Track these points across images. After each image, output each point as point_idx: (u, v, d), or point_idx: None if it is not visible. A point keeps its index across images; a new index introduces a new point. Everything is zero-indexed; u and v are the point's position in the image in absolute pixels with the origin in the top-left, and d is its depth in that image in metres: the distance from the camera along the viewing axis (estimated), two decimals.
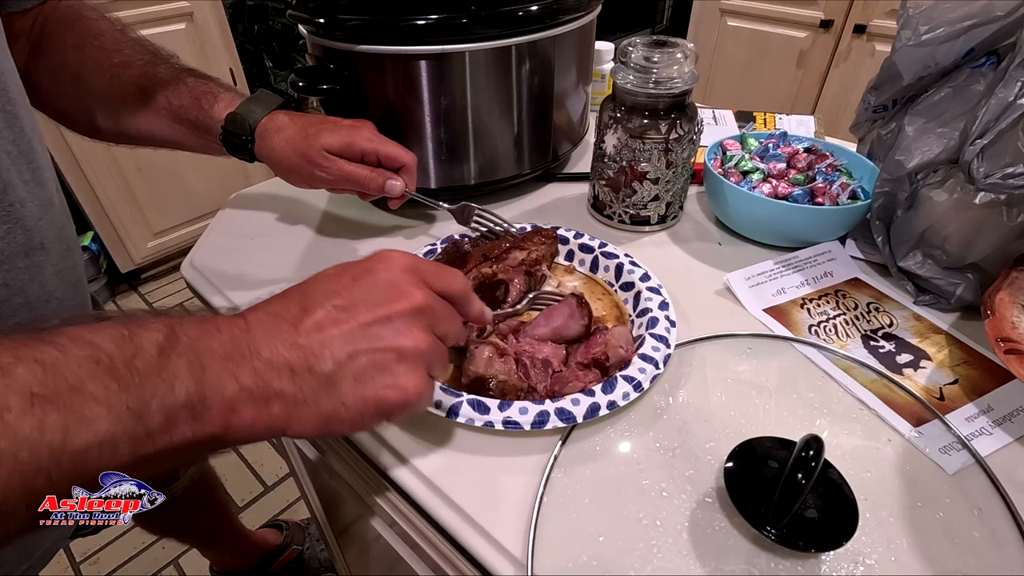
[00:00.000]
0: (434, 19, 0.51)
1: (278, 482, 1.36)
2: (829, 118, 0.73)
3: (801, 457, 0.30)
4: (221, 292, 0.53)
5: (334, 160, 0.51)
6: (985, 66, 0.47)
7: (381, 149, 0.52)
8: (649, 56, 0.51)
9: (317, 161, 0.51)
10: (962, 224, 0.45)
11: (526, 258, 0.50)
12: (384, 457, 0.39)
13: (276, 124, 0.53)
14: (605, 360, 0.41)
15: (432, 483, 0.36)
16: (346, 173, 0.52)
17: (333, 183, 0.53)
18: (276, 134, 0.52)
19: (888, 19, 1.60)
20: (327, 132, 0.51)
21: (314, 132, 0.51)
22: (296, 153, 0.52)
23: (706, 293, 0.51)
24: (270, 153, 0.53)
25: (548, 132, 0.63)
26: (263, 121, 0.53)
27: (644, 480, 0.35)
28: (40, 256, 0.42)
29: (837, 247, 0.53)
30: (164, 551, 1.21)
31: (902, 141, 0.49)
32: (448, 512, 0.35)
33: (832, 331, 0.46)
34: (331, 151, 0.51)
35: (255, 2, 1.94)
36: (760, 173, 0.57)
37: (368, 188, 0.53)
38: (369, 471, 0.42)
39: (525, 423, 0.37)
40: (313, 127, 0.52)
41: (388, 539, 0.51)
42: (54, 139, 1.52)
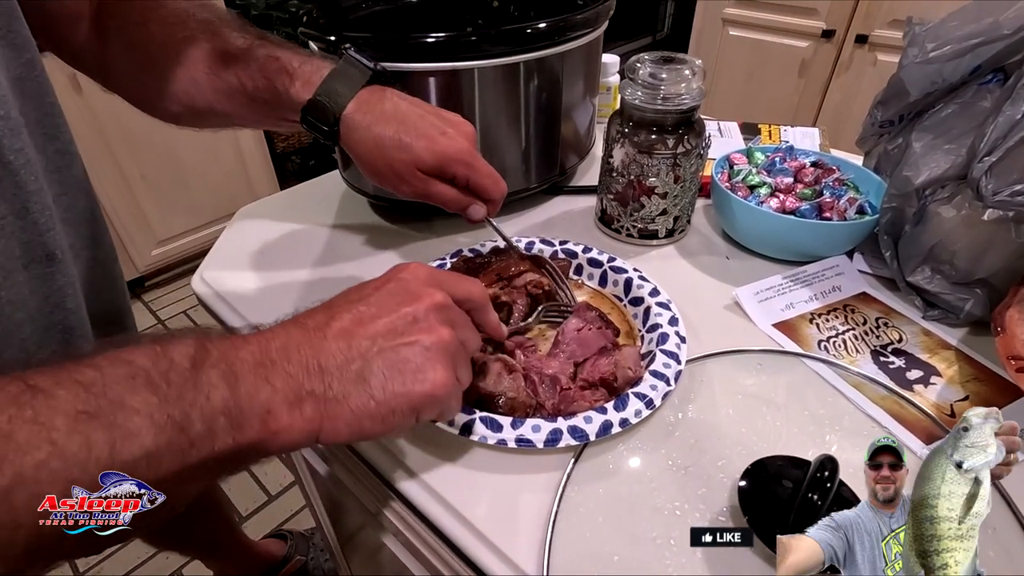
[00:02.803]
0: (444, 37, 0.51)
1: (282, 491, 1.35)
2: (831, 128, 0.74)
3: (816, 478, 0.30)
4: (232, 307, 0.53)
5: (423, 180, 0.47)
6: (992, 83, 0.47)
7: (473, 179, 0.48)
8: (656, 73, 0.51)
9: (406, 178, 0.47)
10: (970, 240, 0.46)
11: (535, 280, 0.50)
12: (395, 472, 0.39)
13: (365, 119, 0.46)
14: (613, 381, 0.41)
15: (445, 500, 0.36)
16: (433, 193, 0.48)
17: (415, 197, 0.49)
18: (364, 131, 0.46)
19: (890, 29, 1.61)
20: (423, 147, 0.46)
21: (407, 144, 0.46)
22: (384, 161, 0.47)
23: (715, 307, 0.51)
24: (356, 148, 0.48)
25: (555, 146, 0.63)
26: (349, 108, 0.46)
27: (657, 499, 0.35)
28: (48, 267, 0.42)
29: (845, 261, 0.53)
30: (168, 561, 1.21)
31: (910, 157, 0.49)
32: (461, 530, 0.35)
33: (841, 346, 0.46)
34: (424, 170, 0.46)
35: (260, 12, 1.96)
36: (767, 187, 0.57)
37: (450, 208, 0.49)
38: (378, 484, 0.42)
39: (538, 441, 0.37)
40: (407, 135, 0.46)
41: (395, 551, 0.51)
42: None
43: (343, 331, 0.30)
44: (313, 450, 0.56)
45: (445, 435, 0.39)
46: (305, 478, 0.72)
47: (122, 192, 1.72)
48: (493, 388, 0.40)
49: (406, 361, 0.30)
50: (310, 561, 1.15)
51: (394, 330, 0.31)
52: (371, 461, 0.40)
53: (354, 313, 0.31)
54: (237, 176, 1.97)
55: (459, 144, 0.47)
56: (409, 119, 0.47)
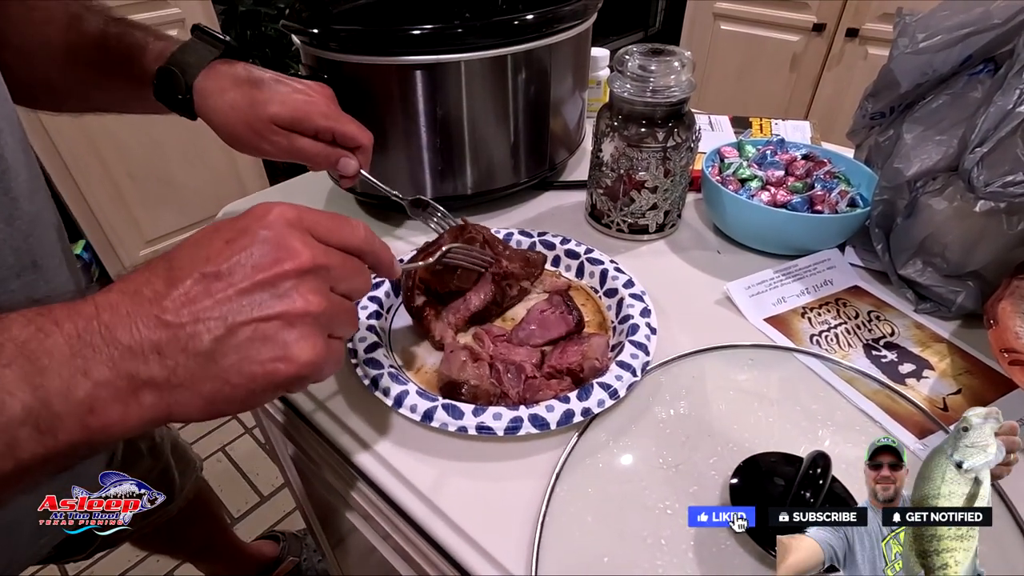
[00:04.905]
0: (429, 29, 0.50)
1: (274, 492, 1.34)
2: (823, 122, 0.74)
3: (808, 475, 0.29)
4: None
5: (284, 134, 0.47)
6: (982, 73, 0.46)
7: (337, 128, 0.48)
8: (646, 65, 0.50)
9: (265, 135, 0.47)
10: (962, 232, 0.45)
11: (505, 268, 0.48)
12: (381, 475, 0.38)
13: (217, 84, 0.47)
14: (580, 371, 0.41)
15: (430, 501, 0.36)
16: (296, 149, 0.48)
17: (281, 157, 0.49)
18: (218, 96, 0.47)
19: (880, 23, 1.61)
20: (277, 102, 0.46)
21: (262, 101, 0.46)
22: (241, 122, 0.47)
23: (706, 302, 0.50)
24: (212, 117, 0.48)
25: (545, 141, 0.62)
26: (200, 77, 0.46)
27: (648, 498, 0.34)
28: (32, 275, 0.41)
29: (836, 255, 0.53)
30: (160, 564, 1.20)
31: (900, 148, 0.48)
32: (448, 532, 0.34)
33: (834, 340, 0.46)
34: (281, 124, 0.47)
35: (247, 8, 1.93)
36: (758, 181, 0.56)
37: (320, 166, 0.50)
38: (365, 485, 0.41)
39: (499, 429, 0.37)
40: (261, 93, 0.47)
41: (384, 553, 0.50)
42: (43, 144, 1.50)
43: (187, 301, 0.25)
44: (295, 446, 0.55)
45: (430, 431, 0.38)
46: (293, 479, 0.72)
47: (109, 191, 1.69)
48: (457, 376, 0.40)
49: (266, 339, 0.26)
50: (303, 562, 1.14)
51: (249, 300, 0.26)
52: (359, 465, 0.39)
53: (198, 279, 0.25)
54: (226, 174, 1.95)
55: (315, 99, 0.48)
56: (263, 81, 0.47)
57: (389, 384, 0.39)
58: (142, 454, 0.68)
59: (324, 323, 0.27)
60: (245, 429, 1.47)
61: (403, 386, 0.39)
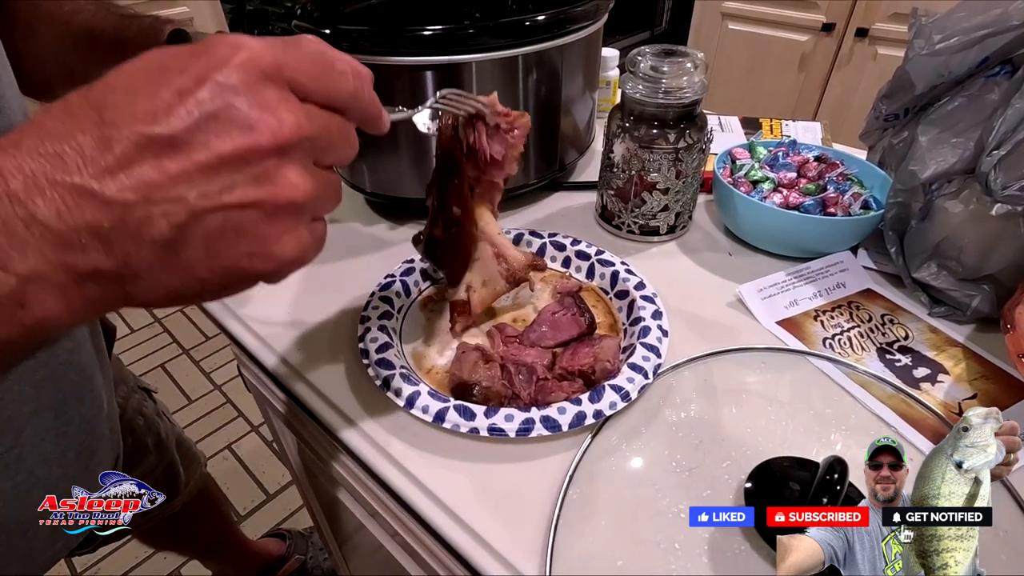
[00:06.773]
0: (440, 30, 0.50)
1: (280, 490, 1.34)
2: (831, 123, 0.73)
3: (826, 480, 0.29)
4: (226, 305, 0.52)
5: None
6: (1000, 75, 0.46)
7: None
8: (658, 66, 0.50)
9: None
10: (978, 235, 0.45)
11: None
12: (392, 475, 0.38)
13: None
14: (591, 373, 0.41)
15: (442, 502, 0.36)
16: None
17: None
18: None
19: (891, 23, 1.60)
20: None
21: None
22: None
23: (718, 305, 0.50)
24: None
25: (555, 141, 0.62)
26: None
27: (661, 501, 0.34)
28: None
29: (849, 257, 0.53)
30: (166, 561, 1.20)
31: (916, 151, 0.48)
32: (460, 533, 0.34)
33: (847, 344, 0.45)
34: None
35: (255, 7, 1.94)
36: (770, 183, 0.56)
37: None
38: (375, 484, 0.41)
39: (510, 430, 0.37)
40: None
41: (391, 551, 0.50)
42: None
43: (129, 171, 0.19)
44: (303, 442, 0.55)
45: (438, 432, 0.38)
46: (300, 475, 0.72)
47: None
48: (468, 377, 0.40)
49: (240, 231, 0.21)
50: (309, 560, 1.14)
51: (216, 179, 0.20)
52: (369, 464, 0.39)
53: (143, 143, 0.19)
54: None
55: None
56: None
57: (401, 385, 0.39)
58: (148, 450, 0.68)
59: (309, 209, 0.23)
60: (251, 427, 1.48)
61: (415, 387, 0.39)
